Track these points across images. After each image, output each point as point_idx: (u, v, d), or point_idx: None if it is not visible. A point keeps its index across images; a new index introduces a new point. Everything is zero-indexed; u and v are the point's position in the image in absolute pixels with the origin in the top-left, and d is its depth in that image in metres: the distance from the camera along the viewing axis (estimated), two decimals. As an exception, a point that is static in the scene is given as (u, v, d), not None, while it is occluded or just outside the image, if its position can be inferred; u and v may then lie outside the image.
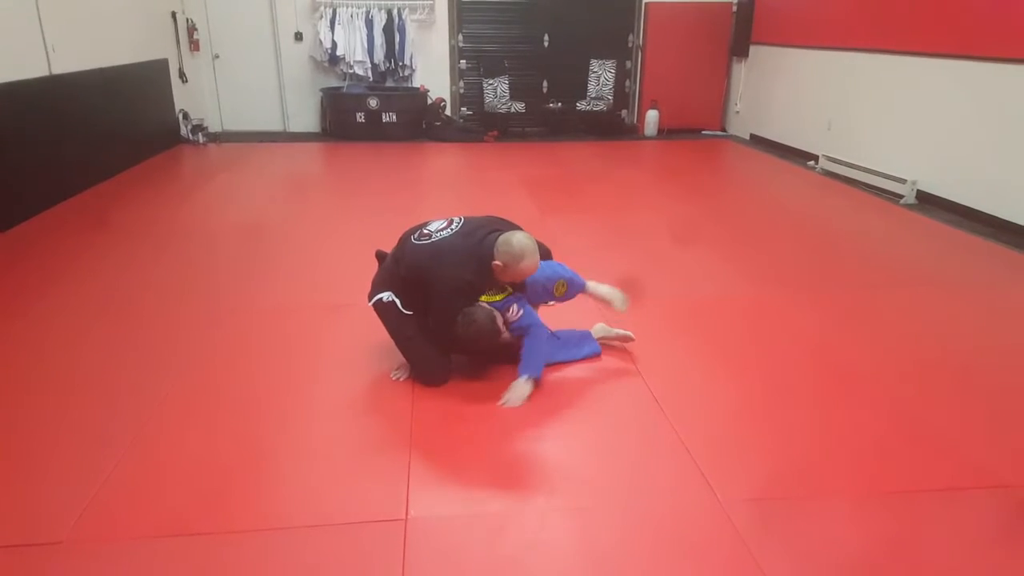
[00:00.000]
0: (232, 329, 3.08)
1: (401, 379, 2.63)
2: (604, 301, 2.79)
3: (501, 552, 1.81)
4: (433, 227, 2.55)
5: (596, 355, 2.84)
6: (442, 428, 2.36)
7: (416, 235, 2.56)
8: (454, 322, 2.46)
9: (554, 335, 2.73)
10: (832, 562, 1.79)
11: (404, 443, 2.26)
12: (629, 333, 2.90)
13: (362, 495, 2.01)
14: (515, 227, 2.62)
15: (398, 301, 2.53)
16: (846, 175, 6.08)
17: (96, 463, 2.13)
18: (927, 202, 5.28)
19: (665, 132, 8.36)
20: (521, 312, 2.57)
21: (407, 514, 1.93)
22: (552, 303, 2.78)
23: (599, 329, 2.91)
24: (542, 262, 2.61)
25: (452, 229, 2.51)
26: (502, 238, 2.42)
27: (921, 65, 5.36)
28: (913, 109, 5.46)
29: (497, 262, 2.41)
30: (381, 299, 2.56)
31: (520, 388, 2.49)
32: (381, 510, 1.95)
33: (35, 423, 2.35)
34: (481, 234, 2.47)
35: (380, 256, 2.73)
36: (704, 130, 8.57)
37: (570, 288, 2.72)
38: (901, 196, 5.39)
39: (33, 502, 1.97)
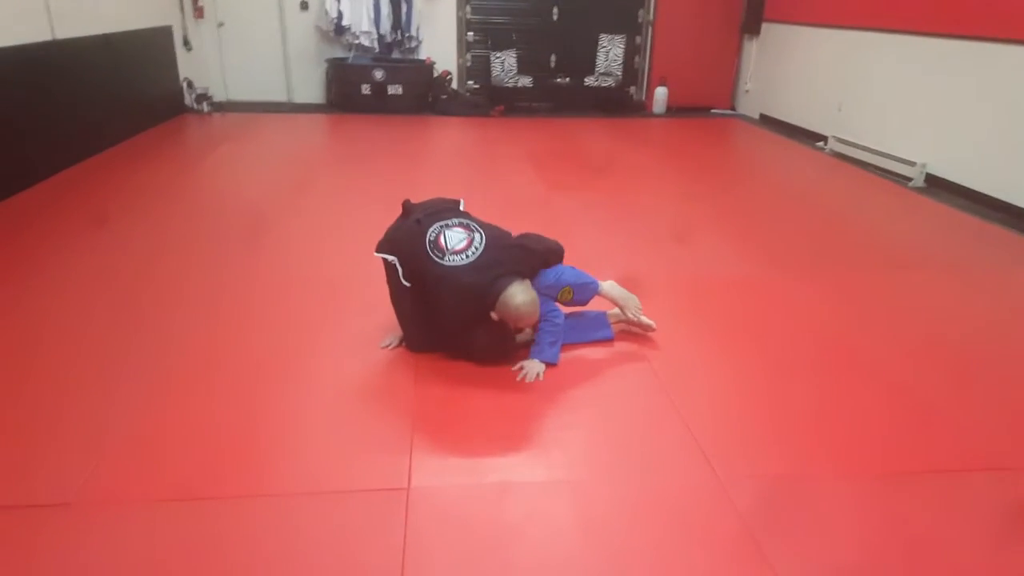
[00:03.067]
0: (237, 300, 3.09)
1: (392, 346, 2.67)
2: (618, 305, 2.77)
3: (502, 520, 1.84)
4: (452, 242, 2.45)
5: (608, 339, 2.81)
6: (445, 402, 2.37)
7: (432, 242, 2.45)
8: (468, 335, 2.52)
9: (569, 317, 2.70)
10: (830, 540, 1.80)
11: (407, 416, 2.28)
12: (651, 323, 2.82)
13: (366, 465, 2.04)
14: (539, 254, 2.61)
15: (401, 270, 2.52)
16: (855, 156, 6.03)
17: (103, 428, 2.15)
18: (936, 185, 5.23)
19: (674, 110, 8.28)
20: None
21: (409, 483, 1.96)
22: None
23: (616, 313, 2.85)
24: (548, 269, 2.63)
25: (468, 256, 2.42)
26: (504, 295, 2.37)
27: (934, 46, 5.28)
28: (924, 91, 5.39)
29: (494, 313, 2.43)
30: (387, 259, 2.55)
31: (534, 364, 2.55)
32: (384, 479, 1.97)
33: (43, 388, 2.37)
34: (492, 275, 2.40)
35: (407, 207, 2.65)
36: (713, 108, 8.48)
37: (577, 294, 2.66)
38: (910, 179, 5.35)
39: (41, 464, 1.99)
